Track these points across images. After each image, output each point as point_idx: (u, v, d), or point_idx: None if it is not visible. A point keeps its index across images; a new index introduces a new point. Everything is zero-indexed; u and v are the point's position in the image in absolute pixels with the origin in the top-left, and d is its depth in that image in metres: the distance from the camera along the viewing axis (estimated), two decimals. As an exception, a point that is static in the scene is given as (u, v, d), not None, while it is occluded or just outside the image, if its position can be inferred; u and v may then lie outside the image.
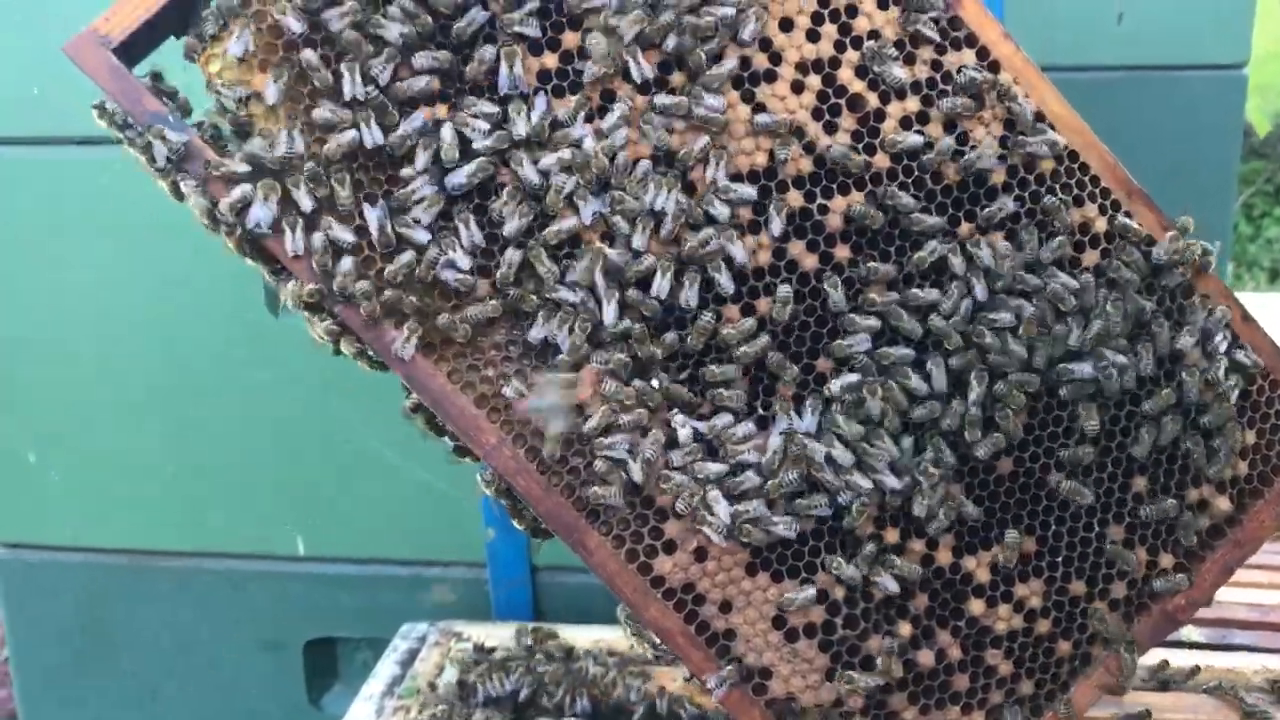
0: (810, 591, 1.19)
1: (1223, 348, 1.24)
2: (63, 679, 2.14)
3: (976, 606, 1.24)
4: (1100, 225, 1.22)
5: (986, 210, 1.19)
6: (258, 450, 1.98)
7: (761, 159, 1.17)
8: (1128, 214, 1.22)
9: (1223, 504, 1.28)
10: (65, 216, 1.94)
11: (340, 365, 1.92)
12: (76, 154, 1.92)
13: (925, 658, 1.23)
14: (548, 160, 1.12)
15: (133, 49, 1.11)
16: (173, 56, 1.15)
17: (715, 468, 1.16)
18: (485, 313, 1.13)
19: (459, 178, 1.12)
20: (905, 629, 1.23)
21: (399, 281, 1.12)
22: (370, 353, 1.17)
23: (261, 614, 2.04)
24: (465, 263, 1.13)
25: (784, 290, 1.16)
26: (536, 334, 1.14)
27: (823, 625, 1.22)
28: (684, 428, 1.16)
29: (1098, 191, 1.22)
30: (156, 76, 1.14)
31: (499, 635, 1.85)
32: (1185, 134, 2.05)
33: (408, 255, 1.12)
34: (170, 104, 1.12)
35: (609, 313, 1.13)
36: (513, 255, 1.13)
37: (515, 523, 1.23)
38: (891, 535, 1.21)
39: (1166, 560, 1.28)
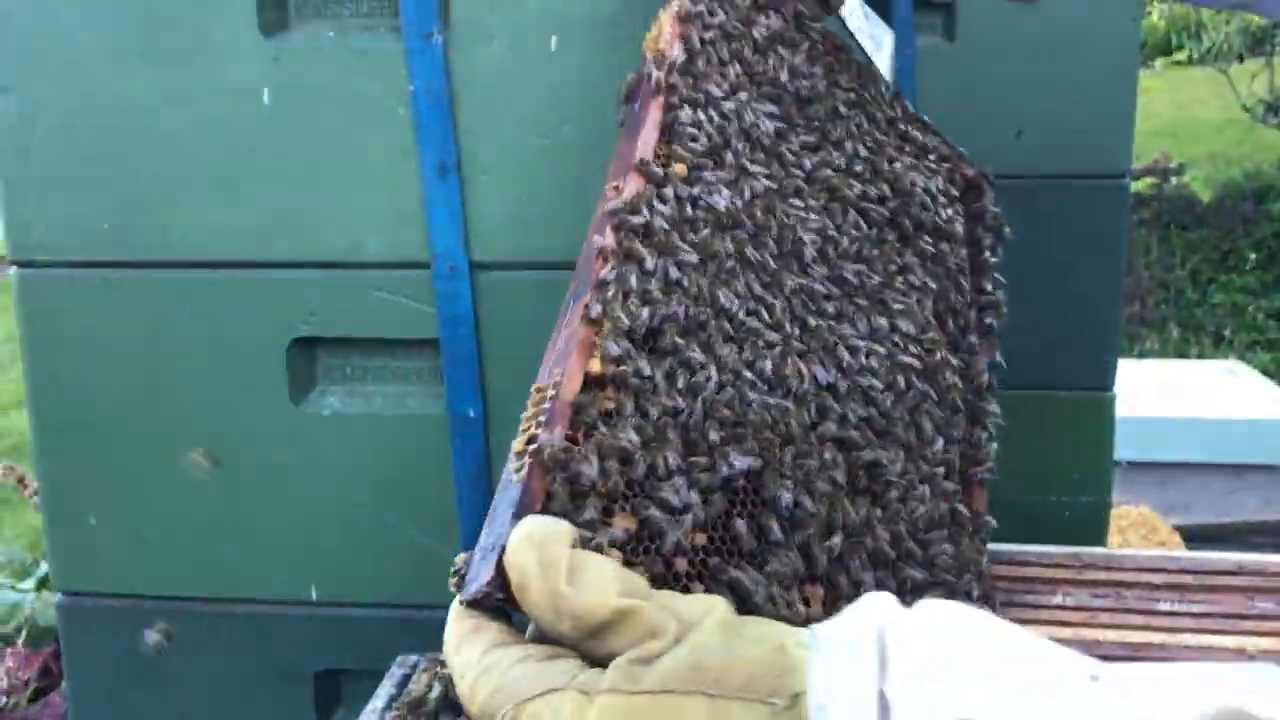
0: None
1: None
2: (112, 716, 2.53)
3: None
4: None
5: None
6: (282, 517, 2.41)
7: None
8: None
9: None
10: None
11: (353, 454, 2.35)
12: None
13: None
14: None
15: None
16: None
17: None
18: None
19: None
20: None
21: None
22: None
23: (281, 651, 2.46)
24: None
25: None
26: None
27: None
28: None
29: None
30: None
31: (476, 663, 2.25)
32: (1074, 236, 2.51)
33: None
34: None
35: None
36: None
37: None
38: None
39: None
